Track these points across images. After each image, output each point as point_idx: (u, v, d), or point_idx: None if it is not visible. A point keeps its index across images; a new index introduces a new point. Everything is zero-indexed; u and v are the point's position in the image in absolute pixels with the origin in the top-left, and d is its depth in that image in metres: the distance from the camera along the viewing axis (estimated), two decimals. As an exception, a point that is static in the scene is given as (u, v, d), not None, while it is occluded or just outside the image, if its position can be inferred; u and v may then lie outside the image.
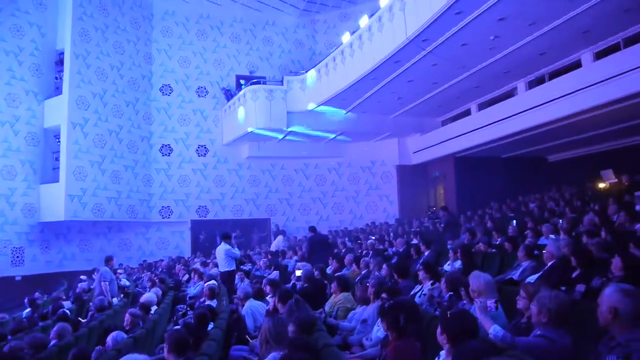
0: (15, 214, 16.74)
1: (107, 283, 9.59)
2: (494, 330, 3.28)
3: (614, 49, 11.38)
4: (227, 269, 9.85)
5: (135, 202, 18.73)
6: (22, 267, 16.76)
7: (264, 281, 7.97)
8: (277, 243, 16.22)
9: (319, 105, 16.58)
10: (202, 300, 7.95)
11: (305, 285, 7.12)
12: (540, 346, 2.99)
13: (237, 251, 10.13)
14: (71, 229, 18.04)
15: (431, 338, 3.53)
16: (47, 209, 17.13)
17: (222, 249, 9.83)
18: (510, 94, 15.14)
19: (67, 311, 8.43)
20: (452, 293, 4.91)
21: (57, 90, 17.77)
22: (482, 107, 16.34)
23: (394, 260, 8.61)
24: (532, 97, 13.57)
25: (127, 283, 13.08)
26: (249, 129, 17.64)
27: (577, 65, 12.41)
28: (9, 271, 16.26)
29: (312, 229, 11.65)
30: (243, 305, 6.53)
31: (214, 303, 7.34)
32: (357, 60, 14.17)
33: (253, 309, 6.23)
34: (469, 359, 2.12)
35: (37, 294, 12.12)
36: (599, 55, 11.79)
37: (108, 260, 10.14)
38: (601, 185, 14.12)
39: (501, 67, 13.19)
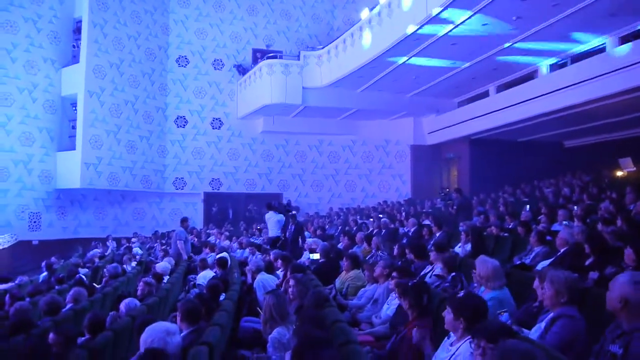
0: (32, 180, 17.02)
1: (182, 242, 10.02)
2: None
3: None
4: (274, 235, 10.87)
5: (150, 172, 18.91)
6: (39, 232, 17.13)
7: (272, 255, 8.06)
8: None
9: (334, 82, 16.35)
10: (214, 270, 8.05)
11: (322, 260, 7.20)
12: (566, 326, 3.02)
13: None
14: (86, 196, 18.31)
15: (442, 318, 3.56)
16: (63, 176, 17.37)
17: (273, 217, 10.93)
18: (530, 77, 14.85)
19: (83, 276, 8.64)
20: (454, 274, 4.95)
21: (75, 59, 17.79)
22: (500, 89, 16.08)
23: (403, 241, 8.62)
24: (553, 80, 13.30)
25: (140, 252, 13.33)
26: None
27: (601, 49, 12.11)
28: (26, 235, 16.62)
29: (294, 216, 12.18)
30: (254, 278, 6.62)
31: (207, 273, 7.51)
32: (376, 37, 13.93)
33: (264, 282, 6.33)
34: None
35: (53, 259, 12.39)
36: (624, 40, 11.48)
37: (183, 221, 10.54)
38: (619, 173, 13.92)
39: (522, 49, 12.91)
